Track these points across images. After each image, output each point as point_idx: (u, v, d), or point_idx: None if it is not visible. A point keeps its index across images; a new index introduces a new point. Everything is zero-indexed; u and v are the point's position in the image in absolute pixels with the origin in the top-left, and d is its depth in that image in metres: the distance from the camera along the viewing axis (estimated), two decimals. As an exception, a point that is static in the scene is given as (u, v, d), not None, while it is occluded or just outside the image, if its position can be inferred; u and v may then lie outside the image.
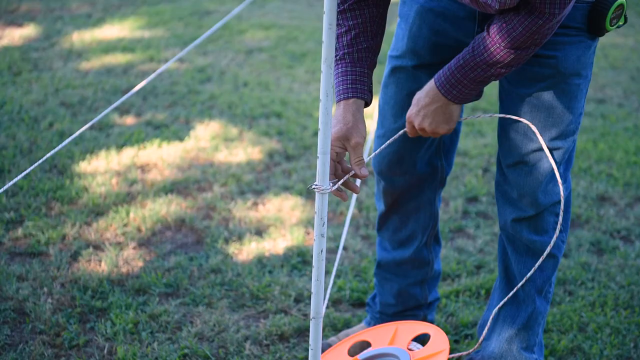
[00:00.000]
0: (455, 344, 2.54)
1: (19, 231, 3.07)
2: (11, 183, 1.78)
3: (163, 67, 2.44)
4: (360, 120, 1.91)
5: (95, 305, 2.64)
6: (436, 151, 2.31)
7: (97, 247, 3.00)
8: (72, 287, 2.73)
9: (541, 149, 2.05)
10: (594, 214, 3.37)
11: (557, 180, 2.09)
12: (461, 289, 2.81)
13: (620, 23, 1.99)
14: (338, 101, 1.93)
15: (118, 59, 5.30)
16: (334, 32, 1.55)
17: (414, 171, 2.28)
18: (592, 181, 3.67)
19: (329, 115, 1.60)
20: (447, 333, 2.59)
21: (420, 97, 2.01)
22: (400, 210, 2.37)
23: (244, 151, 3.90)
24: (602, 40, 6.13)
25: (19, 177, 1.81)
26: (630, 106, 4.72)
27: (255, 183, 3.58)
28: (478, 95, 2.01)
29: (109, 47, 5.52)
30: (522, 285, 2.19)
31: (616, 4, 1.94)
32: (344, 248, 3.07)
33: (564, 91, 2.01)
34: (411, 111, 2.03)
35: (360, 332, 2.21)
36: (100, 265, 2.88)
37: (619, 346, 2.52)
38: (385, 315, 2.48)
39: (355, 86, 1.93)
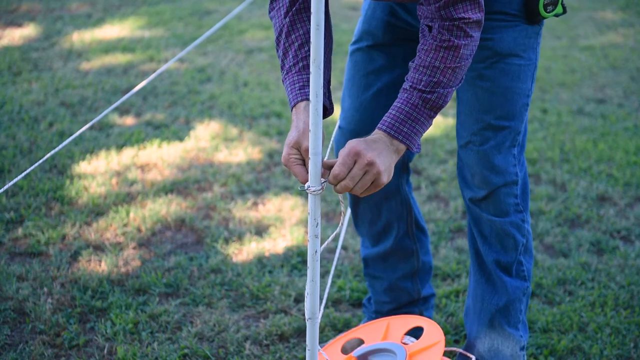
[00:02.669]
0: (455, 344, 2.54)
1: (19, 231, 3.07)
2: (11, 183, 1.78)
3: (163, 67, 2.44)
4: (308, 126, 1.81)
5: (95, 305, 2.64)
6: None
7: (97, 247, 3.00)
8: (72, 287, 2.73)
9: (487, 128, 2.10)
10: (594, 214, 3.37)
11: (510, 161, 2.14)
12: (461, 289, 2.81)
13: (559, 12, 2.06)
14: (292, 109, 1.88)
15: (118, 59, 5.30)
16: (322, 32, 1.55)
17: None
18: (592, 181, 3.68)
19: (319, 116, 1.60)
20: (447, 333, 2.59)
21: (367, 151, 1.76)
22: (368, 200, 2.36)
23: (244, 151, 3.90)
24: (602, 40, 6.14)
25: (19, 177, 1.81)
26: (630, 106, 4.72)
27: (255, 183, 3.58)
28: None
29: (109, 47, 5.52)
30: (491, 268, 2.25)
31: None
32: (344, 248, 3.07)
33: (504, 71, 2.07)
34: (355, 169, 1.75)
35: (352, 330, 2.22)
36: (100, 265, 2.88)
37: (619, 346, 2.52)
38: (381, 315, 2.49)
39: (303, 90, 1.86)
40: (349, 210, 2.62)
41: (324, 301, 2.14)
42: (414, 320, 2.16)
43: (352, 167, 1.71)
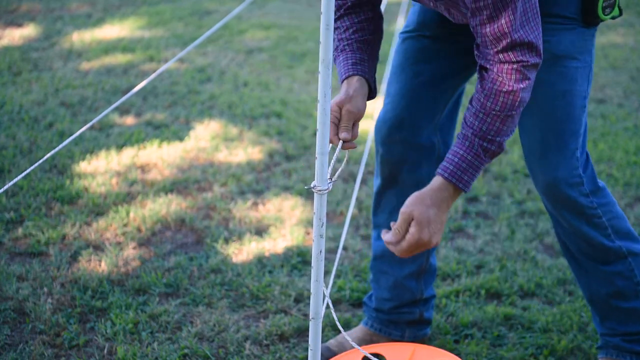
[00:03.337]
0: (455, 344, 2.54)
1: (19, 231, 3.07)
2: (11, 183, 1.78)
3: (163, 67, 2.44)
4: (357, 94, 1.94)
5: (95, 305, 2.64)
6: (434, 127, 2.31)
7: (97, 247, 3.00)
8: (72, 287, 2.73)
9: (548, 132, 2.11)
10: (594, 214, 3.37)
11: (572, 164, 2.13)
12: (461, 289, 2.81)
13: (616, 14, 2.05)
14: (341, 82, 1.98)
15: (118, 59, 5.30)
16: (332, 32, 1.55)
17: (412, 140, 2.28)
18: (592, 181, 3.67)
19: (327, 116, 1.60)
20: (446, 333, 2.59)
21: (427, 203, 1.86)
22: (397, 186, 2.34)
23: (244, 151, 3.90)
24: (602, 40, 6.13)
25: (19, 177, 1.81)
26: (630, 106, 4.72)
27: (255, 183, 3.58)
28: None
29: (109, 47, 5.52)
30: (579, 256, 2.25)
31: None
32: (344, 248, 3.07)
33: (562, 74, 2.06)
34: (416, 229, 1.84)
35: (375, 345, 2.19)
36: (100, 265, 2.88)
37: (618, 346, 2.52)
38: (382, 313, 2.47)
39: (356, 67, 1.98)
40: (350, 211, 2.62)
41: (325, 301, 2.13)
42: (441, 355, 2.15)
43: (406, 233, 1.83)
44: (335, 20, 2.03)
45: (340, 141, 1.89)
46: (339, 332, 2.57)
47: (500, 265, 2.96)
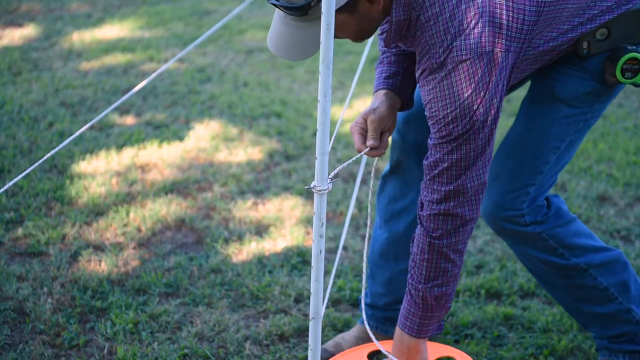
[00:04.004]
0: (455, 344, 2.54)
1: (19, 231, 3.07)
2: (11, 183, 1.78)
3: (163, 67, 2.44)
4: (382, 107, 2.05)
5: (95, 305, 2.64)
6: None
7: (97, 247, 3.00)
8: (72, 287, 2.73)
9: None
10: (594, 214, 3.37)
11: (520, 199, 2.15)
12: (461, 289, 2.81)
13: (638, 81, 2.01)
14: (374, 93, 2.11)
15: (118, 59, 5.30)
16: (332, 32, 1.55)
17: (427, 133, 2.29)
18: (592, 181, 3.68)
19: (327, 116, 1.60)
20: (446, 333, 2.59)
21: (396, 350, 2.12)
22: (403, 175, 2.36)
23: (244, 151, 3.90)
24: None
25: (19, 177, 1.81)
26: (630, 106, 4.72)
27: (255, 183, 3.58)
28: (439, 328, 2.26)
29: (109, 47, 5.52)
30: (540, 273, 2.28)
31: (628, 55, 1.97)
32: (344, 248, 3.07)
33: (548, 113, 2.08)
34: None
35: (380, 343, 2.20)
36: (100, 265, 2.88)
37: (618, 346, 2.52)
38: (377, 309, 2.47)
39: (387, 80, 2.09)
40: (350, 211, 2.62)
41: (325, 301, 2.13)
42: (445, 350, 2.15)
43: None
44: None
45: (367, 148, 2.00)
46: (339, 332, 2.57)
47: (500, 265, 2.96)
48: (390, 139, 2.37)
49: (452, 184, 1.90)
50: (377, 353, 2.34)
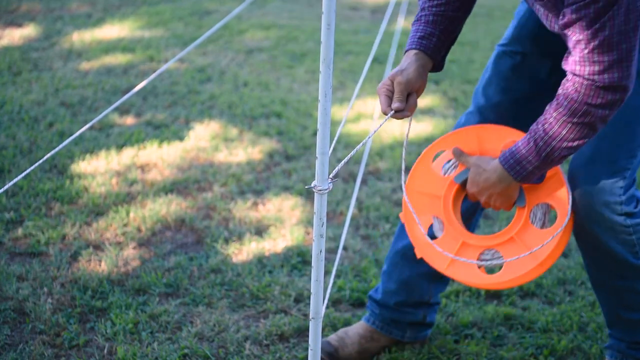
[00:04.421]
0: (455, 344, 2.54)
1: (19, 231, 3.07)
2: (11, 183, 1.78)
3: (163, 67, 2.44)
4: (410, 67, 2.01)
5: (95, 305, 2.64)
6: None
7: (97, 247, 3.00)
8: (72, 287, 2.73)
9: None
10: (594, 214, 3.37)
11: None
12: (461, 289, 2.81)
13: None
14: (404, 53, 2.06)
15: (118, 59, 5.30)
16: (332, 32, 1.55)
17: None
18: (592, 181, 3.67)
19: (328, 116, 1.60)
20: (447, 333, 2.59)
21: (484, 176, 2.05)
22: None
23: (244, 151, 3.90)
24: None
25: (19, 177, 1.81)
26: (630, 106, 4.72)
27: (255, 183, 3.58)
28: (541, 178, 2.08)
29: (109, 47, 5.52)
30: (598, 267, 2.23)
31: None
32: (344, 248, 3.07)
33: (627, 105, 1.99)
34: (473, 189, 2.07)
35: (436, 143, 2.20)
36: (100, 265, 2.88)
37: (618, 346, 2.52)
38: (386, 309, 2.46)
39: (421, 41, 2.04)
40: (350, 211, 2.62)
41: (325, 301, 2.14)
42: (508, 133, 2.09)
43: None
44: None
45: (392, 111, 1.96)
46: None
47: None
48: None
49: (613, 53, 1.80)
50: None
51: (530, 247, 2.02)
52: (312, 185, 1.66)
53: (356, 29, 6.31)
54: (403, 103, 1.97)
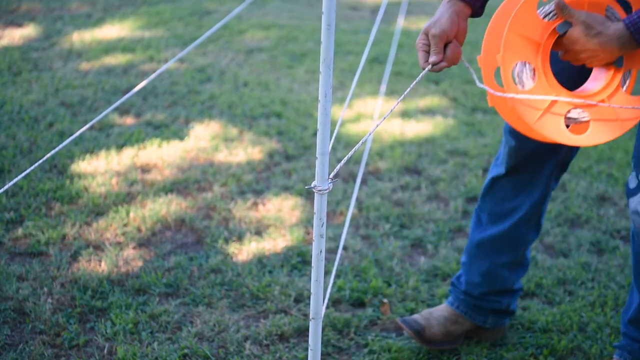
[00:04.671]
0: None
1: (19, 231, 3.07)
2: (11, 183, 1.78)
3: (163, 67, 2.44)
4: (443, 16, 1.95)
5: (95, 305, 2.64)
6: None
7: (97, 247, 3.00)
8: (72, 287, 2.73)
9: None
10: (594, 214, 3.37)
11: None
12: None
13: None
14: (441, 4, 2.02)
15: (118, 59, 5.30)
16: (333, 32, 1.55)
17: (544, 142, 2.27)
18: (592, 181, 3.68)
19: (328, 116, 1.60)
20: (447, 333, 2.59)
21: (599, 40, 1.86)
22: (517, 178, 2.36)
23: (244, 151, 3.90)
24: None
25: (19, 177, 1.81)
26: (630, 106, 4.72)
27: (255, 183, 3.58)
28: None
29: (109, 47, 5.52)
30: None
31: None
32: (344, 248, 3.07)
33: None
34: (577, 47, 1.88)
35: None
36: (100, 265, 2.88)
37: (618, 346, 2.52)
38: (470, 297, 2.49)
39: None
40: (350, 211, 2.62)
41: (325, 301, 2.14)
42: None
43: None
44: None
45: (429, 65, 1.91)
46: (339, 332, 2.57)
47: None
48: (506, 147, 2.31)
49: None
50: None
51: (617, 111, 1.92)
52: (312, 185, 1.66)
53: (356, 29, 6.31)
54: (440, 55, 1.91)
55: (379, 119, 4.23)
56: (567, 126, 1.94)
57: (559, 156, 2.35)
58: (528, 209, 2.39)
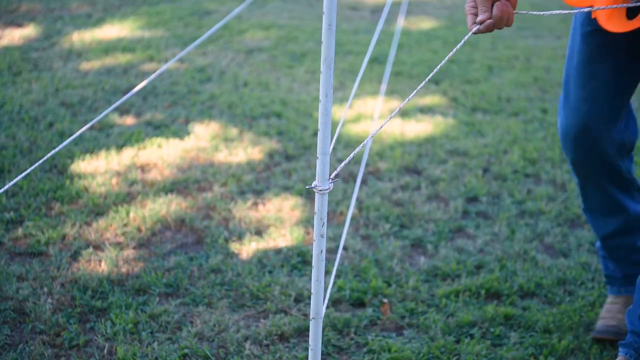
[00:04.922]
0: (455, 344, 2.54)
1: (19, 231, 3.07)
2: (11, 183, 1.78)
3: (163, 67, 2.44)
4: None
5: (95, 305, 2.64)
6: (620, 123, 2.28)
7: (97, 247, 3.00)
8: (72, 287, 2.73)
9: None
10: (594, 214, 3.37)
11: None
12: (461, 289, 2.81)
13: None
14: None
15: (118, 59, 5.30)
16: (334, 32, 1.55)
17: (601, 142, 2.26)
18: (592, 181, 3.68)
19: (329, 116, 1.60)
20: (446, 333, 2.59)
21: None
22: (595, 181, 2.37)
23: (244, 151, 3.90)
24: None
25: (19, 177, 1.81)
26: (630, 106, 4.72)
27: (255, 183, 3.58)
28: None
29: (109, 47, 5.52)
30: None
31: None
32: (344, 248, 3.07)
33: None
34: None
35: None
36: (100, 265, 2.88)
37: (619, 346, 2.52)
38: (630, 284, 2.51)
39: None
40: (350, 211, 2.62)
41: (326, 301, 2.13)
42: None
43: None
44: None
45: (477, 25, 1.87)
46: (339, 332, 2.57)
47: (500, 265, 2.96)
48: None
49: None
50: None
51: None
52: (313, 185, 1.66)
53: (356, 29, 6.31)
54: (487, 13, 1.86)
55: (379, 119, 4.23)
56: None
57: (624, 146, 2.32)
58: (630, 195, 2.40)
